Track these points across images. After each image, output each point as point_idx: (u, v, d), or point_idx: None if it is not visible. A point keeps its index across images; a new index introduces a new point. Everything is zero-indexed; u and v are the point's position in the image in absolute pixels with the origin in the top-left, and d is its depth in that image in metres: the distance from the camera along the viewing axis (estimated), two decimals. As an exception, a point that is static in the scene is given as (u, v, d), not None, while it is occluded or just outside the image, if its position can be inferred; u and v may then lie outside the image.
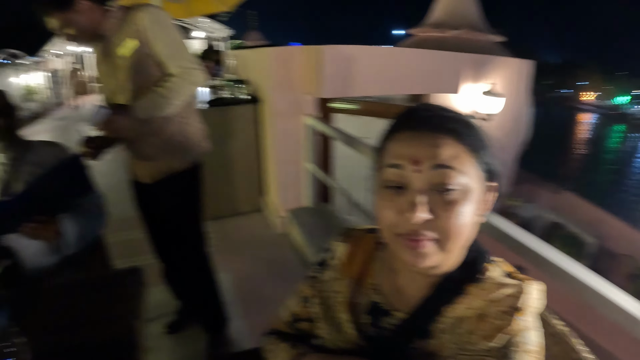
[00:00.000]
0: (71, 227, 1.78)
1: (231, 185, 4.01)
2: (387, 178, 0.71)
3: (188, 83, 1.86)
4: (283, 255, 3.31)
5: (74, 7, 1.73)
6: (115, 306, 1.34)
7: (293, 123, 3.32)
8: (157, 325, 2.57)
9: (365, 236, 0.94)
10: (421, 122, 0.71)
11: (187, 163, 2.07)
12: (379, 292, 0.85)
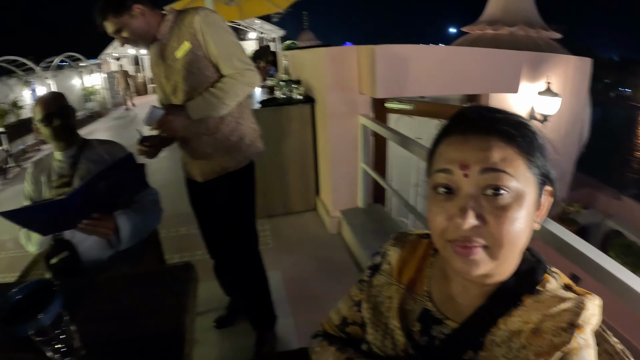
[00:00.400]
0: (127, 223, 1.84)
1: (285, 184, 4.05)
2: (437, 183, 0.70)
3: (242, 84, 1.88)
4: (334, 256, 3.30)
5: (129, 11, 1.79)
6: (166, 299, 1.36)
7: (347, 123, 3.31)
8: (206, 320, 2.62)
9: (419, 241, 0.92)
10: (470, 125, 0.69)
11: (241, 163, 2.10)
12: (431, 299, 0.83)
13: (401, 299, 0.86)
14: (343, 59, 3.16)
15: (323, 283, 2.96)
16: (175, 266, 1.58)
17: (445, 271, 0.81)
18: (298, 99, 3.89)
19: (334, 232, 3.65)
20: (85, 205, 1.66)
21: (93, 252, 1.94)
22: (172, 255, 3.66)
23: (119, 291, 1.48)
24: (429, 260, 0.87)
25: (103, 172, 1.57)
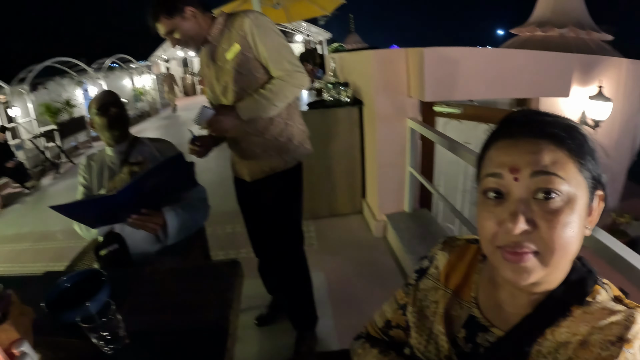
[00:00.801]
0: (174, 219, 1.89)
1: (332, 186, 4.08)
2: (487, 187, 0.69)
3: (291, 85, 1.90)
4: (378, 260, 3.28)
5: (182, 13, 1.84)
6: (211, 295, 1.38)
7: (395, 126, 3.28)
8: (247, 317, 2.66)
9: (468, 247, 0.90)
10: (519, 129, 0.68)
11: (289, 164, 2.12)
12: (478, 306, 0.81)
13: (447, 304, 0.85)
14: (391, 61, 3.14)
15: (366, 286, 2.95)
16: (222, 262, 1.61)
17: (493, 278, 0.80)
18: (346, 102, 3.90)
19: (379, 236, 3.62)
20: (135, 201, 1.71)
21: (141, 245, 2.01)
22: (217, 252, 3.74)
23: (165, 284, 1.53)
24: (477, 266, 0.86)
25: (153, 170, 1.62)
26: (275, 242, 2.30)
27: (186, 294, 1.42)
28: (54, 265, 4.24)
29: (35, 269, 4.39)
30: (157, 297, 1.45)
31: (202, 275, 1.56)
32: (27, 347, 1.10)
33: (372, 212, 3.78)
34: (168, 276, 1.58)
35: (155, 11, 1.84)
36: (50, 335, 1.28)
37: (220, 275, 1.50)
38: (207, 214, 2.15)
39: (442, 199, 2.65)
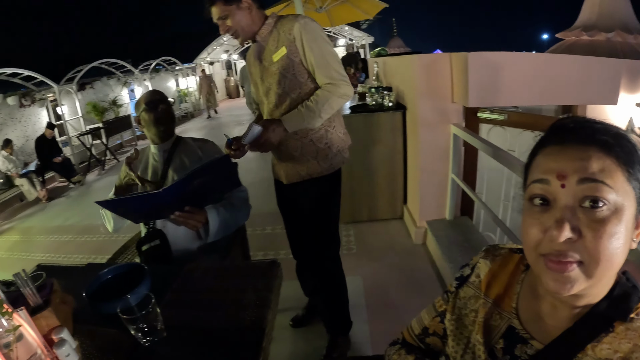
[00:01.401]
0: (216, 217, 1.92)
1: (373, 191, 4.06)
2: (533, 194, 0.67)
3: (337, 96, 1.91)
4: (417, 266, 3.25)
5: (238, 2, 1.88)
6: (250, 294, 1.39)
7: (438, 132, 3.24)
8: (283, 317, 2.69)
9: (511, 256, 0.88)
10: (567, 135, 0.66)
11: (325, 171, 2.12)
12: (518, 317, 0.79)
13: (487, 314, 0.84)
14: (435, 66, 3.10)
15: (403, 293, 2.92)
16: (261, 262, 1.61)
17: (534, 288, 0.78)
18: (389, 106, 3.88)
19: (418, 243, 3.58)
20: (178, 200, 1.75)
21: (182, 242, 2.06)
22: (256, 252, 3.81)
23: (204, 281, 1.55)
24: (519, 276, 0.84)
25: (198, 171, 1.64)
26: (311, 245, 2.32)
27: (225, 292, 1.44)
28: (96, 258, 4.43)
29: (78, 260, 4.61)
30: (195, 293, 1.47)
31: (242, 274, 1.58)
32: (66, 334, 1.16)
33: (412, 218, 3.74)
34: (208, 274, 1.61)
35: None
36: (90, 324, 1.34)
37: (259, 275, 1.52)
38: (248, 214, 2.17)
39: (484, 207, 2.60)
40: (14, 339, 0.99)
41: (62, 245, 5.29)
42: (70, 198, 7.68)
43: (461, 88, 2.91)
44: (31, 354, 1.03)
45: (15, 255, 5.42)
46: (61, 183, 8.73)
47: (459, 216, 3.44)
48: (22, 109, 9.13)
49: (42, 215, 6.97)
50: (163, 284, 1.49)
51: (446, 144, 3.25)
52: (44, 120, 9.58)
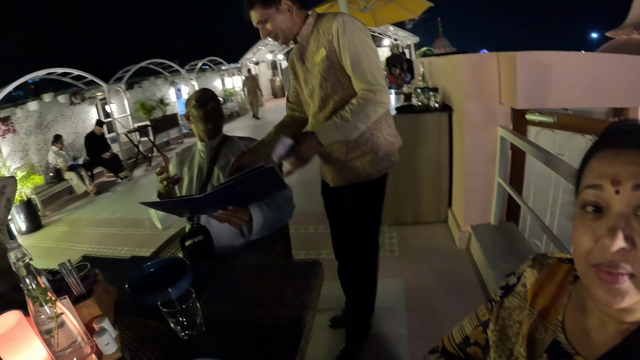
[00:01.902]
0: (260, 215, 1.93)
1: (417, 193, 4.01)
2: (585, 200, 0.63)
3: (373, 105, 1.79)
4: (460, 272, 3.18)
5: (278, 5, 1.83)
6: (290, 293, 1.39)
7: (485, 134, 3.16)
8: (321, 317, 2.70)
9: (559, 266, 0.84)
10: (623, 138, 0.62)
11: (371, 176, 2.07)
12: (564, 331, 0.75)
13: (532, 326, 0.80)
14: (482, 66, 3.03)
15: (444, 298, 2.87)
16: (303, 262, 1.61)
17: (582, 301, 0.74)
18: (435, 107, 3.82)
19: (462, 247, 3.51)
20: (222, 202, 1.77)
21: (226, 238, 2.09)
22: (298, 251, 3.82)
23: (245, 278, 1.56)
24: (566, 288, 0.80)
25: (240, 181, 1.64)
26: (351, 247, 2.31)
27: (265, 290, 1.45)
28: (140, 251, 4.58)
29: (122, 253, 4.79)
30: (236, 290, 1.48)
31: (283, 273, 1.58)
32: (107, 324, 1.19)
33: (456, 222, 3.66)
34: (249, 271, 1.61)
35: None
36: (131, 315, 1.37)
37: (300, 274, 1.51)
38: (291, 213, 2.19)
39: (531, 213, 2.51)
40: (56, 325, 1.02)
41: (107, 238, 5.51)
42: (117, 193, 8.01)
43: (509, 89, 2.83)
44: (71, 341, 1.06)
45: (62, 245, 5.69)
46: (109, 178, 9.17)
47: (504, 221, 3.34)
48: (73, 107, 9.55)
49: (89, 208, 7.30)
50: (204, 279, 1.52)
51: (493, 146, 3.16)
52: (93, 117, 10.00)
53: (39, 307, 1.01)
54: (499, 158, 3.11)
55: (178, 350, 1.18)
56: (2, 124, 7.61)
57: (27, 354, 1.07)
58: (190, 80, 14.18)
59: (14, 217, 6.50)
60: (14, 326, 1.06)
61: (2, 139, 7.53)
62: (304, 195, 4.76)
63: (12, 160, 7.65)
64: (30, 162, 8.02)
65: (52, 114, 8.92)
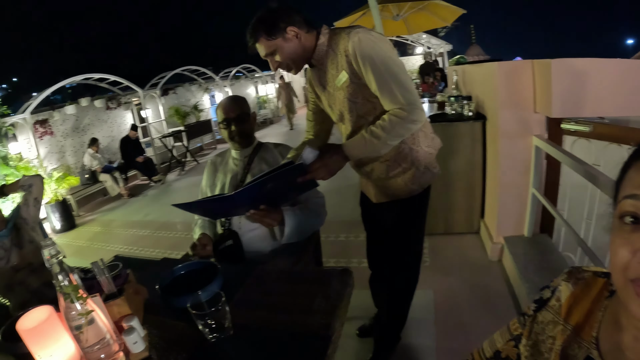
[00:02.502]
0: (292, 219, 1.93)
1: (450, 203, 3.95)
2: (623, 211, 0.61)
3: (406, 122, 1.67)
4: (491, 284, 3.10)
5: (283, 34, 1.71)
6: (320, 300, 1.38)
7: (519, 143, 3.08)
8: (349, 326, 2.68)
9: (595, 280, 0.80)
10: None
11: (414, 192, 2.02)
12: (598, 347, 0.72)
13: (565, 342, 0.77)
14: (517, 74, 2.96)
15: (474, 311, 2.81)
16: (333, 269, 1.59)
17: (617, 317, 0.71)
18: (469, 116, 3.75)
19: (494, 259, 3.42)
20: (253, 201, 1.77)
21: (257, 243, 2.10)
22: (328, 259, 3.82)
23: (275, 284, 1.57)
24: (602, 303, 0.76)
25: (270, 178, 1.62)
26: (389, 258, 2.27)
27: (294, 296, 1.45)
28: (171, 253, 4.65)
29: (154, 254, 4.89)
30: (265, 295, 1.49)
31: (313, 279, 1.58)
32: (136, 323, 1.21)
33: (489, 234, 3.58)
34: (279, 276, 1.62)
35: (254, 31, 1.73)
36: (160, 315, 1.40)
37: (330, 281, 1.50)
38: (323, 220, 2.18)
39: (566, 225, 2.43)
40: (86, 322, 1.05)
41: (139, 239, 5.64)
42: (150, 196, 8.21)
43: (544, 97, 2.76)
44: (100, 338, 1.09)
45: (95, 245, 5.86)
46: (143, 181, 9.42)
47: (538, 233, 3.25)
48: (109, 111, 9.88)
49: (123, 209, 7.50)
50: (234, 283, 1.53)
51: (527, 156, 3.08)
52: (128, 122, 10.31)
53: (70, 303, 1.04)
54: (533, 168, 3.03)
55: (205, 353, 1.20)
56: (40, 126, 7.96)
57: (55, 349, 1.09)
58: (224, 87, 14.40)
59: (49, 216, 6.75)
60: (44, 320, 1.09)
61: (40, 140, 7.85)
62: (336, 203, 4.75)
63: (49, 161, 7.98)
64: (67, 164, 8.33)
65: (89, 118, 9.23)
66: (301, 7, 1.79)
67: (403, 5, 6.63)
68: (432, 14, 7.23)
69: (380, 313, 2.62)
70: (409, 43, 17.46)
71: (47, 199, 6.67)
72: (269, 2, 1.77)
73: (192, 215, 2.31)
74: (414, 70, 16.53)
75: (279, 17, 1.70)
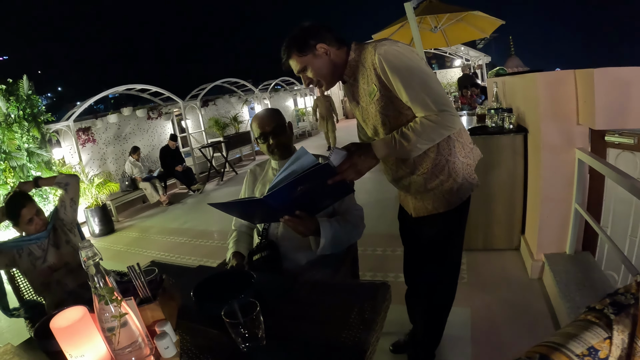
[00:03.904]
0: (329, 230, 1.91)
1: (489, 218, 3.85)
2: None
3: (439, 127, 1.67)
4: (531, 304, 2.98)
5: (313, 51, 1.78)
6: (355, 313, 1.37)
7: (561, 156, 2.97)
8: (384, 341, 2.65)
9: None
10: None
11: (452, 204, 1.98)
12: None
13: None
14: (558, 85, 2.86)
15: (512, 331, 2.70)
16: (370, 283, 1.59)
17: None
18: (509, 129, 3.66)
19: (534, 277, 3.29)
20: (286, 205, 1.75)
21: (294, 254, 2.11)
22: (365, 272, 3.80)
23: (310, 295, 1.57)
24: None
25: (300, 177, 1.61)
26: (428, 276, 2.23)
27: (329, 309, 1.45)
28: (207, 261, 4.73)
29: (190, 262, 4.96)
30: (300, 306, 1.49)
31: (348, 292, 1.58)
32: (169, 328, 1.24)
33: (529, 251, 3.45)
34: (315, 288, 1.63)
35: (287, 48, 1.81)
36: (193, 322, 1.44)
37: (367, 295, 1.49)
38: (361, 232, 2.15)
39: (609, 242, 2.31)
40: (119, 324, 1.08)
41: (176, 246, 5.75)
42: (188, 204, 8.40)
43: (587, 108, 2.65)
44: (132, 341, 1.11)
45: (132, 250, 6.02)
46: (181, 190, 9.70)
47: (580, 251, 3.10)
48: (150, 121, 10.21)
49: (161, 217, 7.70)
50: (269, 293, 1.54)
51: (570, 170, 2.96)
52: (168, 131, 10.69)
53: (104, 305, 1.07)
54: (576, 182, 2.91)
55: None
56: (83, 133, 8.34)
57: (87, 349, 1.12)
58: (264, 100, 14.62)
59: (89, 220, 7.02)
60: (78, 320, 1.12)
61: (82, 147, 8.19)
62: (374, 216, 4.71)
63: (91, 168, 8.35)
64: (108, 170, 8.69)
65: (130, 127, 9.55)
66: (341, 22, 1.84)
67: (441, 17, 6.60)
68: (471, 26, 7.19)
69: (416, 329, 2.57)
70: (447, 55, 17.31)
71: (87, 203, 6.97)
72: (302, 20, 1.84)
73: (229, 224, 2.35)
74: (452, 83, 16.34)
75: (309, 34, 1.78)
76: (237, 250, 2.19)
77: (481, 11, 6.57)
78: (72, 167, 7.40)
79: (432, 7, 6.33)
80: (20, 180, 6.04)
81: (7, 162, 6.13)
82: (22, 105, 6.35)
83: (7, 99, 6.21)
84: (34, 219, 2.64)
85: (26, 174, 6.31)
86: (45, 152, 6.66)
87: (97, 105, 9.03)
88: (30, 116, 6.44)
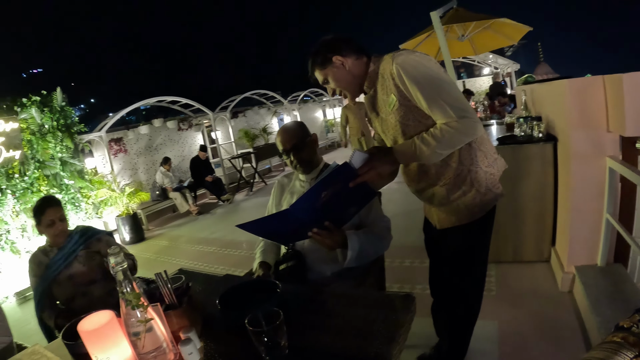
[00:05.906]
0: (356, 242, 1.91)
1: (519, 230, 3.75)
2: None
3: (459, 133, 1.66)
4: (561, 317, 2.88)
5: (331, 63, 1.85)
6: (379, 325, 1.36)
7: (592, 165, 2.87)
8: (409, 354, 2.60)
9: None
10: None
11: (476, 215, 1.96)
12: None
13: None
14: (587, 91, 2.78)
15: (541, 346, 2.61)
16: (396, 294, 1.57)
17: None
18: (539, 137, 3.58)
19: (564, 290, 3.19)
20: (313, 217, 1.75)
21: (319, 265, 2.12)
22: (392, 284, 3.76)
23: (335, 306, 1.57)
24: None
25: (323, 181, 1.61)
26: (453, 288, 2.20)
27: (354, 320, 1.44)
28: (234, 270, 4.78)
29: (217, 271, 5.05)
30: (324, 317, 1.49)
31: (374, 304, 1.55)
32: (193, 335, 1.27)
33: (560, 263, 3.35)
34: (340, 299, 1.62)
35: (310, 62, 1.91)
36: (218, 330, 1.47)
37: (392, 307, 1.49)
38: (388, 244, 2.15)
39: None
40: (144, 329, 1.11)
41: (204, 255, 5.85)
42: (218, 214, 8.52)
43: (617, 114, 2.56)
44: (157, 346, 1.14)
45: (161, 258, 6.15)
46: (211, 200, 9.87)
47: (611, 263, 2.98)
48: (180, 132, 10.42)
49: (190, 226, 7.83)
50: (294, 304, 1.55)
51: (601, 179, 2.86)
52: (199, 142, 10.97)
53: (131, 310, 1.10)
54: (607, 192, 2.80)
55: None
56: (115, 144, 8.60)
57: (113, 352, 1.15)
58: (293, 111, 14.74)
59: (120, 228, 7.26)
60: (104, 324, 1.16)
61: (114, 157, 8.41)
62: (402, 228, 4.67)
63: (122, 177, 8.61)
64: (139, 180, 8.93)
65: (161, 138, 9.77)
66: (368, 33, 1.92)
67: (468, 25, 6.54)
68: (498, 33, 7.12)
69: (441, 343, 2.53)
70: (475, 64, 17.14)
71: (118, 212, 7.20)
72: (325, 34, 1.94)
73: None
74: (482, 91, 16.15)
75: (326, 47, 1.86)
76: (263, 260, 2.23)
77: (508, 18, 6.49)
78: (104, 176, 7.59)
79: (459, 15, 6.29)
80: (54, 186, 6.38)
81: (41, 170, 6.38)
82: (55, 116, 6.62)
83: (41, 110, 6.46)
84: (56, 222, 2.68)
85: (59, 182, 6.56)
86: (78, 161, 6.92)
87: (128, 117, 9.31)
88: (63, 127, 6.70)
